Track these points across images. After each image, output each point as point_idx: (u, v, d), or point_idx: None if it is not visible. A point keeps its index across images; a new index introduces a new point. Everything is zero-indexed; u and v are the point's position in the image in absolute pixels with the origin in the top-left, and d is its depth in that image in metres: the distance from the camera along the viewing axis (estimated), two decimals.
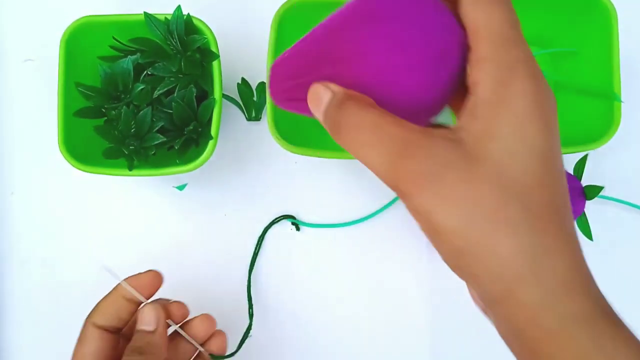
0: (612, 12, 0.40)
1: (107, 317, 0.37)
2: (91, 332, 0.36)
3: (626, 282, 0.46)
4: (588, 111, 0.42)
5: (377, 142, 0.22)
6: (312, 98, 0.25)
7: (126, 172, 0.41)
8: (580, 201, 0.42)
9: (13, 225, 0.49)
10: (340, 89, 0.24)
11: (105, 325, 0.36)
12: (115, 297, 0.37)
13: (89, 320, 0.37)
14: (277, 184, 0.48)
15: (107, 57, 0.43)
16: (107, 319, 0.37)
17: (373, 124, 0.22)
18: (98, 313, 0.37)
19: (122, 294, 0.37)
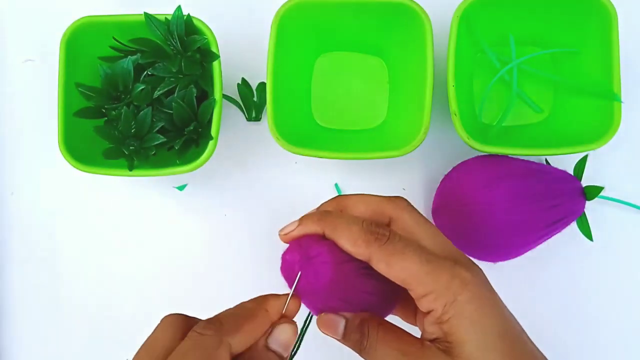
0: (612, 12, 0.40)
1: (245, 344, 0.29)
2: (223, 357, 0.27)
3: (626, 282, 0.46)
4: (588, 111, 0.42)
5: (388, 356, 0.29)
6: (329, 325, 0.31)
7: (126, 172, 0.41)
8: (580, 201, 0.42)
9: (13, 225, 0.49)
10: (352, 315, 0.31)
11: (236, 353, 0.29)
12: (263, 320, 0.30)
13: (225, 340, 0.28)
14: (277, 184, 0.48)
15: (107, 58, 0.42)
16: (244, 345, 0.29)
17: (384, 340, 0.30)
18: (240, 338, 0.29)
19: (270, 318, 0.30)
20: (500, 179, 0.40)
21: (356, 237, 0.30)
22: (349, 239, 0.30)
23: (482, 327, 0.28)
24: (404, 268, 0.29)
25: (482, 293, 0.29)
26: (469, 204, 0.40)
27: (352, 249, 0.30)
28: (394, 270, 0.29)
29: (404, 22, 0.42)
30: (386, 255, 0.29)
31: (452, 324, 0.28)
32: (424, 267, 0.29)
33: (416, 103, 0.41)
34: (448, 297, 0.28)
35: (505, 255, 0.42)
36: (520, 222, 0.40)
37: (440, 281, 0.29)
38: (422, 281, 0.29)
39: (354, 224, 0.31)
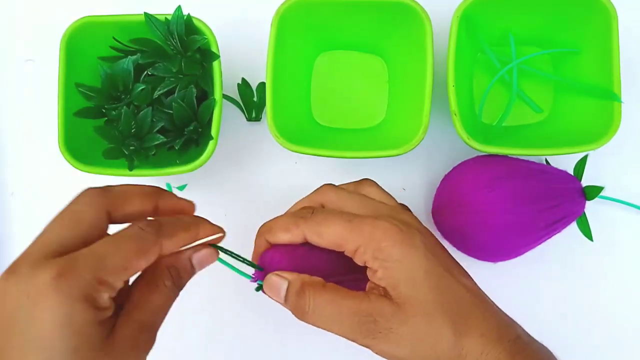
0: (612, 12, 0.40)
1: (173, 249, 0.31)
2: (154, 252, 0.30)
3: (626, 282, 0.46)
4: (588, 111, 0.42)
5: (337, 316, 0.31)
6: (271, 287, 0.33)
7: (126, 172, 0.41)
8: (580, 201, 0.42)
9: (13, 225, 0.49)
10: (294, 276, 0.33)
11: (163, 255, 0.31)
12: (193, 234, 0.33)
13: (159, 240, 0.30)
14: (277, 184, 0.48)
15: (107, 58, 0.43)
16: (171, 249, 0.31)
17: (331, 303, 0.31)
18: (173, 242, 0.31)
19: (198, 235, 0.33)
20: (500, 179, 0.40)
21: (286, 224, 0.34)
22: (282, 229, 0.34)
23: (409, 267, 0.31)
24: (331, 233, 0.32)
25: (404, 238, 0.31)
26: (469, 204, 0.40)
27: (287, 236, 0.34)
28: (324, 237, 0.32)
29: (404, 22, 0.42)
30: (315, 227, 0.33)
31: (384, 268, 0.31)
32: (347, 225, 0.32)
33: (416, 102, 0.41)
34: (373, 246, 0.31)
35: (505, 255, 0.42)
36: (521, 222, 0.40)
37: (363, 234, 0.31)
38: (349, 238, 0.32)
39: (281, 218, 0.35)
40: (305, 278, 0.32)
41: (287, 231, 0.34)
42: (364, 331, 0.30)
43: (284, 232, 0.34)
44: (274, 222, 0.35)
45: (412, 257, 0.31)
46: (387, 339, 0.30)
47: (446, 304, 0.30)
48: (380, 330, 0.30)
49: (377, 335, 0.30)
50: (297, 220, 0.33)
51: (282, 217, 0.35)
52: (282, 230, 0.34)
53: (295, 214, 0.34)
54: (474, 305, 0.31)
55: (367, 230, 0.31)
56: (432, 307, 0.30)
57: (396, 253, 0.31)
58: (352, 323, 0.30)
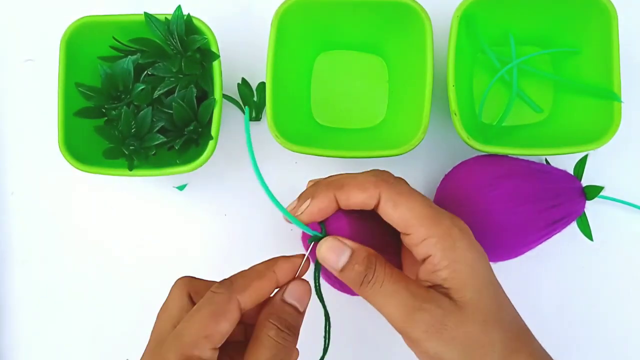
0: (612, 12, 0.40)
1: (255, 301, 0.31)
2: (232, 310, 0.29)
3: (626, 282, 0.46)
4: (588, 111, 0.42)
5: (396, 295, 0.29)
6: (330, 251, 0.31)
7: (126, 172, 0.41)
8: (580, 201, 0.42)
9: (13, 225, 0.49)
10: (359, 246, 0.31)
11: (245, 307, 0.30)
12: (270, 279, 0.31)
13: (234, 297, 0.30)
14: (277, 184, 0.48)
15: (107, 57, 0.43)
16: (253, 303, 0.31)
17: (392, 278, 0.30)
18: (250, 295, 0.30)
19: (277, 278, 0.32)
20: (500, 179, 0.40)
21: (364, 182, 0.31)
22: (358, 186, 0.31)
23: (479, 274, 0.30)
24: (410, 208, 0.30)
25: (475, 244, 0.31)
26: (469, 204, 0.40)
27: (362, 194, 0.31)
28: (399, 210, 0.30)
29: (404, 21, 0.42)
30: (394, 194, 0.30)
31: (453, 269, 0.29)
32: (428, 210, 0.30)
33: (416, 102, 0.41)
34: (448, 242, 0.29)
35: (505, 255, 0.42)
36: (521, 222, 0.40)
37: (441, 226, 0.30)
38: (425, 223, 0.30)
39: (358, 176, 0.32)
40: (369, 250, 0.31)
41: (362, 188, 0.31)
42: (417, 320, 0.28)
43: (359, 191, 0.31)
44: (349, 178, 0.32)
45: (481, 265, 0.30)
46: (440, 335, 0.28)
47: (503, 319, 0.30)
48: (434, 324, 0.28)
49: (430, 328, 0.28)
50: (378, 181, 0.31)
51: (359, 175, 0.32)
52: (357, 189, 0.31)
53: (376, 175, 0.32)
54: (522, 327, 0.31)
55: (446, 225, 0.30)
56: (492, 317, 0.29)
57: (469, 257, 0.30)
58: (408, 307, 0.29)
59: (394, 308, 0.29)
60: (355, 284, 0.30)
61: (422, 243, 0.30)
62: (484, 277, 0.30)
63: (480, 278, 0.30)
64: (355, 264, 0.30)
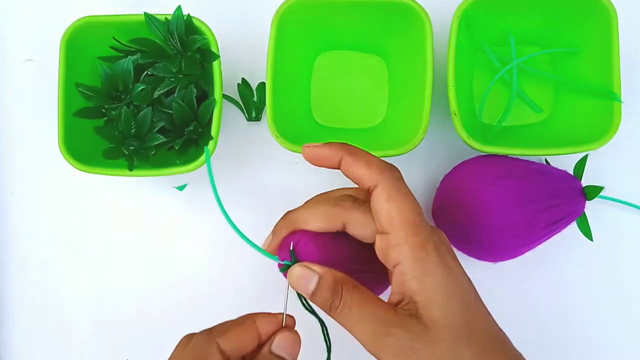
0: (612, 12, 0.40)
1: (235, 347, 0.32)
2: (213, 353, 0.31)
3: (626, 282, 0.46)
4: (588, 111, 0.42)
5: (364, 320, 0.29)
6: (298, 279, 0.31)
7: (126, 172, 0.41)
8: (580, 201, 0.42)
9: (13, 225, 0.49)
10: (325, 270, 0.31)
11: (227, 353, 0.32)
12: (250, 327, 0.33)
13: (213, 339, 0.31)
14: (277, 184, 0.48)
15: (107, 57, 0.43)
16: (234, 348, 0.32)
17: (360, 304, 0.30)
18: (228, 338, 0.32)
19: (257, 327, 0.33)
20: (500, 179, 0.40)
21: (374, 161, 0.32)
22: (368, 161, 0.31)
23: (448, 292, 0.29)
24: (400, 208, 0.30)
25: (448, 260, 0.30)
26: (469, 204, 0.40)
27: (366, 171, 0.31)
28: (390, 205, 0.30)
29: (404, 22, 0.42)
30: (392, 188, 0.31)
31: (421, 282, 0.29)
32: (415, 217, 0.30)
33: (416, 102, 0.41)
34: (421, 255, 0.30)
35: (505, 255, 0.42)
36: (521, 222, 0.40)
37: (419, 237, 0.30)
38: (405, 229, 0.30)
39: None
40: (336, 274, 0.31)
41: (369, 165, 0.31)
42: (386, 345, 0.29)
43: (365, 163, 0.31)
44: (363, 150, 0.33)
45: (451, 281, 0.30)
46: (409, 358, 0.29)
47: (473, 334, 0.29)
48: (402, 347, 0.29)
49: (399, 353, 0.29)
50: (385, 168, 0.31)
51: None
52: (365, 161, 0.31)
53: (386, 162, 0.32)
54: (496, 338, 0.31)
55: (424, 237, 0.30)
56: (460, 336, 0.29)
57: (439, 273, 0.29)
58: (377, 333, 0.29)
59: (362, 333, 0.29)
60: (325, 309, 0.31)
61: (396, 248, 0.30)
62: (452, 294, 0.30)
63: (448, 294, 0.29)
64: (322, 290, 0.31)
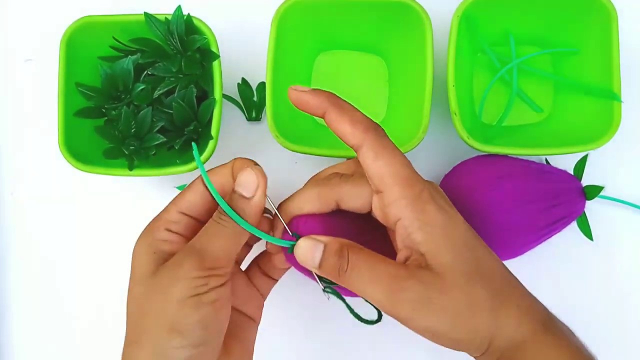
0: (612, 12, 0.40)
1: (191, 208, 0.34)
2: (196, 183, 0.33)
3: (626, 282, 0.46)
4: (588, 111, 0.42)
5: (376, 279, 0.29)
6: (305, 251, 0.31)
7: (126, 172, 0.41)
8: (580, 201, 0.42)
9: (13, 225, 0.49)
10: (330, 238, 0.31)
11: (188, 213, 0.34)
12: (198, 188, 0.34)
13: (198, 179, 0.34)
14: (277, 183, 0.48)
15: (107, 57, 0.43)
16: (191, 210, 0.34)
17: (369, 265, 0.30)
18: (211, 173, 0.33)
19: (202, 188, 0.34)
20: (500, 179, 0.40)
21: (358, 118, 0.31)
22: (353, 118, 0.31)
23: (451, 234, 0.30)
24: (389, 164, 0.30)
25: (445, 205, 0.31)
26: (469, 204, 0.40)
27: (350, 129, 0.31)
28: (378, 163, 0.30)
29: (404, 21, 0.42)
30: (378, 146, 0.30)
31: (425, 231, 0.29)
32: (405, 170, 0.30)
33: (415, 102, 0.41)
34: (419, 205, 0.30)
35: (505, 255, 0.42)
36: (521, 223, 0.40)
37: (414, 189, 0.30)
38: (399, 183, 0.30)
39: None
40: (341, 240, 0.31)
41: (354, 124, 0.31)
42: (403, 300, 0.28)
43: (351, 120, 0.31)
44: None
45: (452, 225, 0.30)
46: (427, 309, 0.28)
47: (484, 275, 0.30)
48: (419, 299, 0.28)
49: (417, 305, 0.28)
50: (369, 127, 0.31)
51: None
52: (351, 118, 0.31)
53: (371, 122, 0.32)
54: (507, 278, 0.31)
55: (418, 188, 0.30)
56: (472, 277, 0.29)
57: (439, 218, 0.30)
58: (391, 289, 0.29)
59: (377, 293, 0.29)
60: (334, 276, 0.30)
61: (394, 204, 0.30)
62: (457, 237, 0.30)
63: (453, 238, 0.30)
64: (329, 257, 0.30)
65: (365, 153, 0.31)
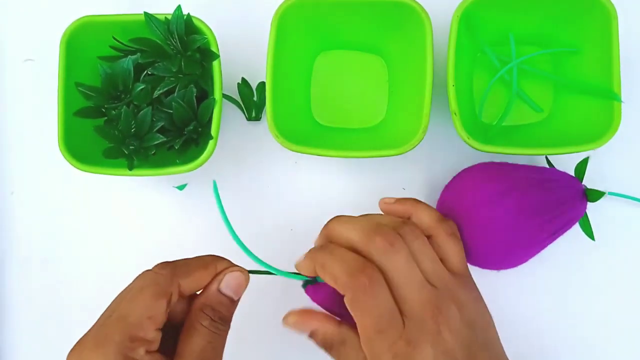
0: (612, 12, 0.40)
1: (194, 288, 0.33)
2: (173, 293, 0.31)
3: (628, 280, 0.46)
4: (588, 111, 0.42)
5: None
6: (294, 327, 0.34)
7: (126, 172, 0.41)
8: (582, 204, 0.41)
9: (13, 225, 0.49)
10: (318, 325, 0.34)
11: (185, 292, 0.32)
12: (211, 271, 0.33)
13: (176, 279, 0.32)
14: (277, 183, 0.48)
15: (107, 57, 0.43)
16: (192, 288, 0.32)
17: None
18: (191, 281, 0.32)
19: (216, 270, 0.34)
20: (501, 195, 0.39)
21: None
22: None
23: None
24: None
25: None
26: (471, 219, 0.39)
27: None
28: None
29: (404, 21, 0.42)
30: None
31: None
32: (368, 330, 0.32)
33: (416, 102, 0.41)
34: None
35: (507, 265, 0.42)
36: (524, 236, 0.39)
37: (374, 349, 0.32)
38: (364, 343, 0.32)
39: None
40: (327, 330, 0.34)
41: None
42: None
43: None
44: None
45: None
46: None
47: None
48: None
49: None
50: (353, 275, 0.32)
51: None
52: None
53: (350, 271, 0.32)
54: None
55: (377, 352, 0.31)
56: None
57: None
58: None
59: None
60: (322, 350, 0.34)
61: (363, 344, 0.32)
62: None
63: None
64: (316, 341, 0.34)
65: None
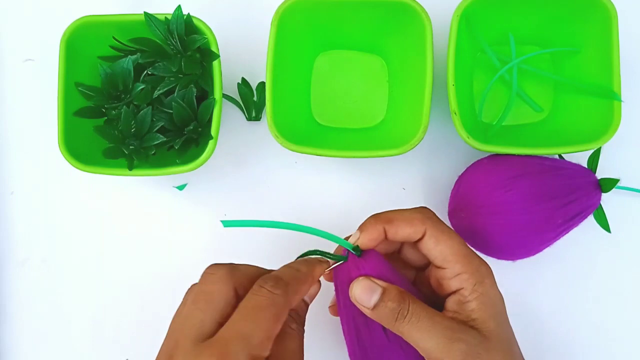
0: (612, 12, 0.40)
1: (298, 302, 0.34)
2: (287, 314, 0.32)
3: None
4: (588, 110, 0.42)
5: (432, 328, 0.32)
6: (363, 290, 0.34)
7: (126, 172, 0.41)
8: (596, 195, 0.41)
9: (13, 225, 0.49)
10: (389, 285, 0.34)
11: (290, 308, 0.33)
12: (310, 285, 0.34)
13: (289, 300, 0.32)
14: (277, 183, 0.48)
15: (107, 57, 0.43)
16: (296, 303, 0.34)
17: (428, 315, 0.33)
18: (297, 298, 0.33)
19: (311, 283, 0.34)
20: (515, 178, 0.40)
21: (412, 217, 0.35)
22: (406, 220, 0.35)
23: (499, 309, 0.35)
24: (449, 246, 0.34)
25: (494, 283, 0.35)
26: (485, 205, 0.40)
27: (409, 228, 0.35)
28: (440, 246, 0.35)
29: (404, 21, 0.42)
30: (438, 232, 0.35)
31: (480, 302, 0.34)
32: (464, 249, 0.35)
33: (416, 102, 0.41)
34: (477, 279, 0.34)
35: (524, 254, 0.42)
36: (538, 221, 0.39)
37: (473, 264, 0.34)
38: (460, 261, 0.34)
39: (406, 211, 0.36)
40: (400, 288, 0.34)
41: (410, 223, 0.35)
42: (455, 350, 0.32)
43: (407, 225, 0.35)
44: (396, 214, 0.36)
45: (500, 301, 0.35)
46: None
47: (514, 346, 0.35)
48: (469, 352, 0.32)
49: (467, 357, 0.32)
50: (425, 218, 0.35)
51: (406, 210, 0.36)
52: (404, 221, 0.35)
53: (424, 212, 0.36)
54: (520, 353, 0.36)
55: (476, 264, 0.34)
56: (509, 346, 0.34)
57: (493, 293, 0.34)
58: (445, 339, 0.32)
59: (431, 341, 0.32)
60: (389, 320, 0.33)
61: (456, 277, 0.34)
62: (502, 313, 0.35)
63: (500, 313, 0.34)
64: (388, 301, 0.33)
65: (427, 240, 0.35)
